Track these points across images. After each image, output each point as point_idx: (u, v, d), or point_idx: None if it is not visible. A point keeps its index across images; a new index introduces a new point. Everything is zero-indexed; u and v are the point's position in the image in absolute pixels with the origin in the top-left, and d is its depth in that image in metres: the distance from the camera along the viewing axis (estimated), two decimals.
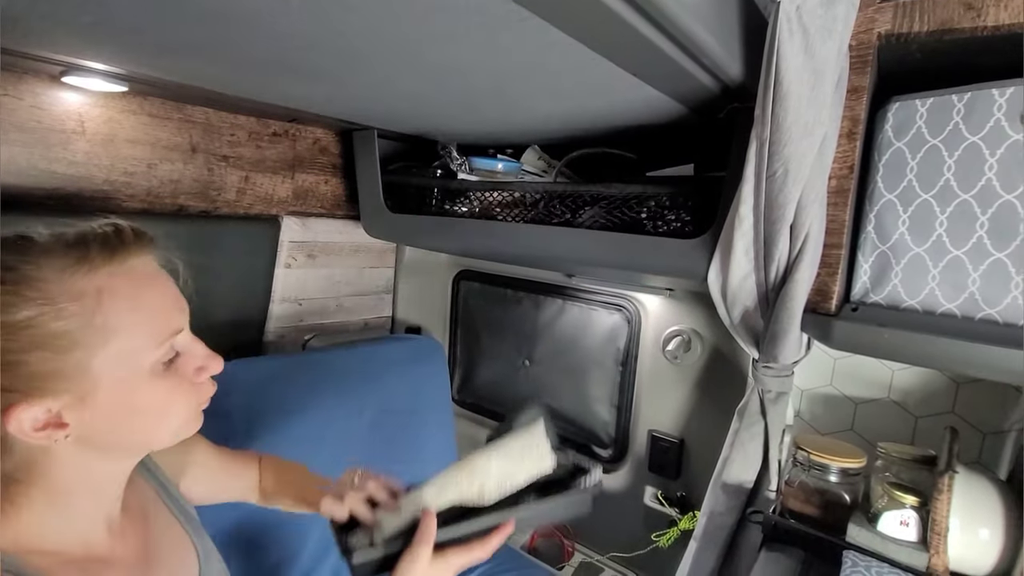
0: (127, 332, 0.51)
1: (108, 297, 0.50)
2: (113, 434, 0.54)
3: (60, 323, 0.48)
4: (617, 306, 1.54)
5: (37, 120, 0.98)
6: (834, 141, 0.80)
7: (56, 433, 0.50)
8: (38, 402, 0.48)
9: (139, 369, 0.53)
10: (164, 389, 0.55)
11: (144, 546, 0.65)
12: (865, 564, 0.79)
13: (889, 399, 1.10)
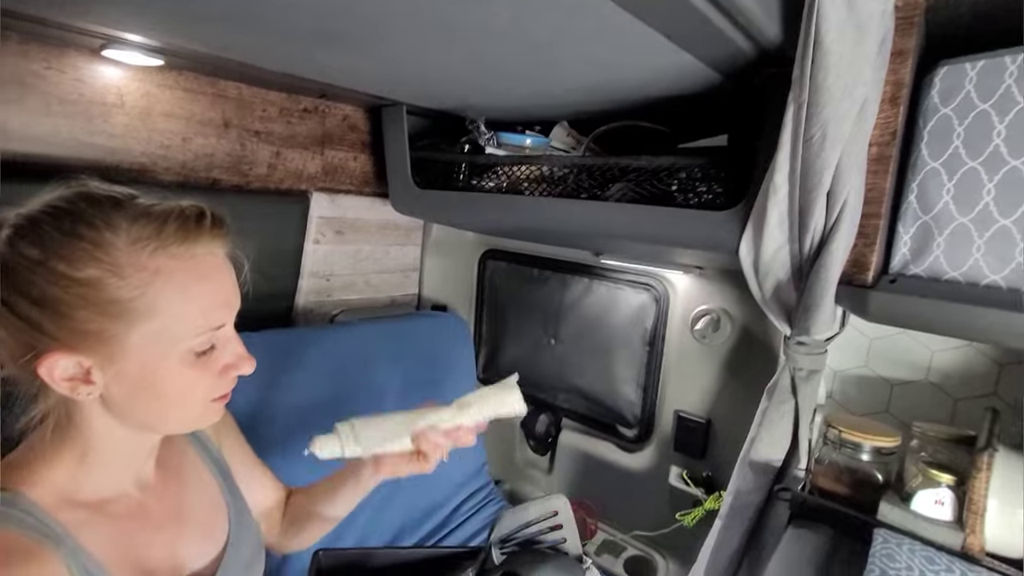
0: (169, 316, 0.53)
1: (163, 279, 0.52)
2: (130, 406, 0.55)
3: (116, 291, 0.50)
4: (645, 285, 1.52)
5: (79, 93, 1.01)
6: (875, 107, 0.77)
7: (81, 387, 0.52)
8: (72, 355, 0.51)
9: (170, 353, 0.54)
10: (188, 378, 0.56)
11: (177, 503, 0.67)
12: (896, 541, 0.77)
13: (927, 381, 1.07)
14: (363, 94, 1.28)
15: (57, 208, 0.51)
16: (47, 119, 0.98)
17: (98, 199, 0.53)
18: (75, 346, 0.51)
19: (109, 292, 0.50)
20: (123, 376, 0.53)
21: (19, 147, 0.97)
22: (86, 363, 0.51)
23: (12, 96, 0.94)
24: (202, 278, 0.55)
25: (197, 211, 0.55)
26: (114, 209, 0.52)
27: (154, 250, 0.52)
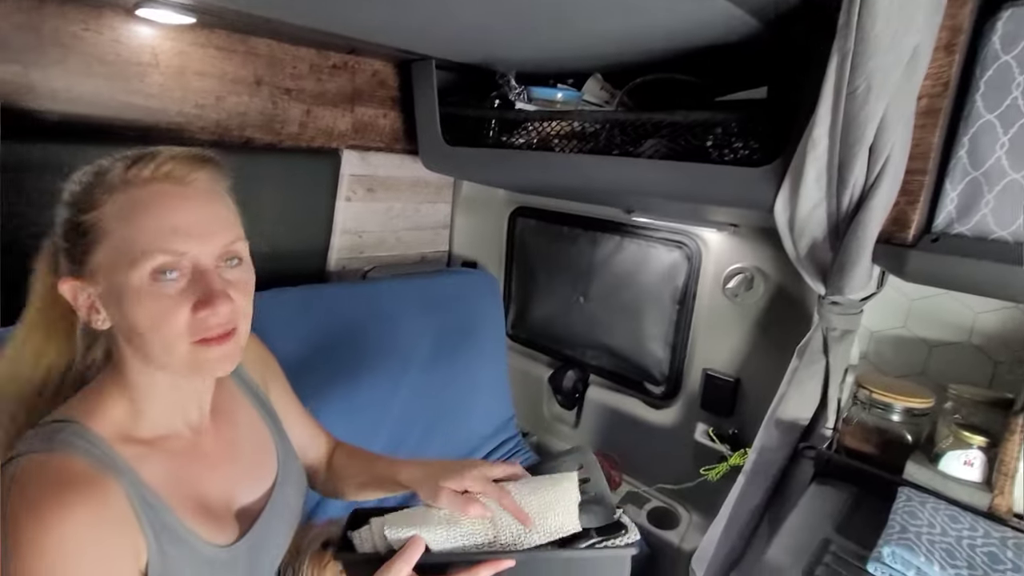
0: (118, 238, 0.56)
1: (115, 203, 0.57)
2: (131, 341, 0.59)
3: (83, 216, 0.57)
4: (677, 243, 1.50)
5: (116, 53, 1.03)
6: (928, 55, 0.72)
7: (94, 315, 0.59)
8: (71, 280, 0.58)
9: (129, 276, 0.55)
10: (154, 308, 0.56)
11: (230, 444, 0.72)
12: (920, 500, 0.78)
13: (969, 343, 1.04)
14: (392, 49, 1.27)
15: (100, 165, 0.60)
16: (88, 80, 1.01)
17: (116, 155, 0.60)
18: (72, 272, 0.58)
19: (82, 214, 0.57)
20: (109, 303, 0.58)
21: (65, 108, 1.00)
22: (87, 288, 0.58)
23: (55, 57, 0.97)
24: (152, 203, 0.57)
25: (156, 149, 0.59)
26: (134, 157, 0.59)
27: (130, 184, 0.57)
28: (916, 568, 0.67)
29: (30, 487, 0.52)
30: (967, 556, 0.68)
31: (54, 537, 0.50)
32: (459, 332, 1.61)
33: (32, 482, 0.52)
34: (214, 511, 0.66)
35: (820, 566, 0.72)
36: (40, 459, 0.54)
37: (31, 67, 0.95)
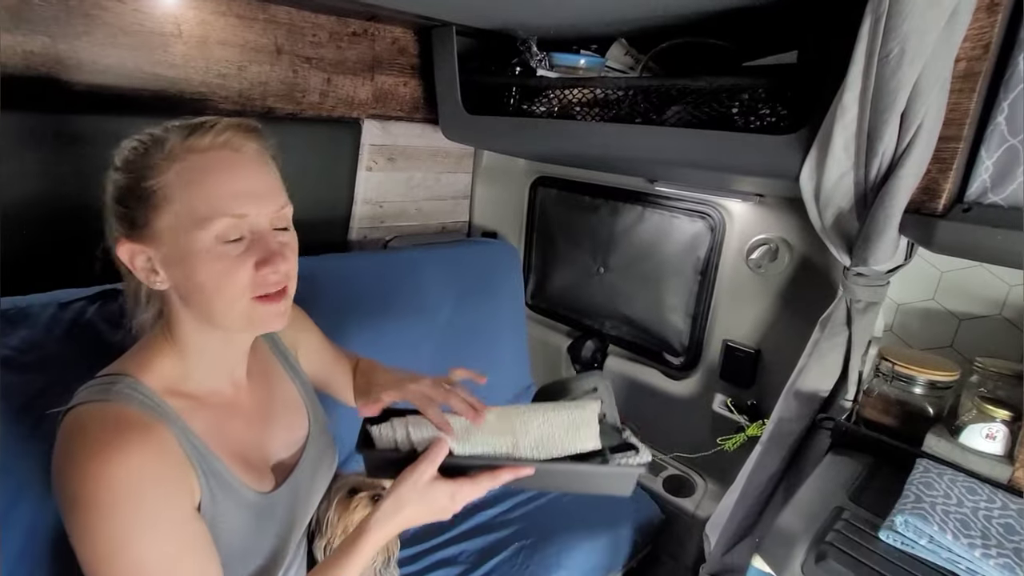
0: (184, 202, 0.59)
1: (179, 171, 0.59)
2: (187, 298, 0.62)
3: (143, 182, 0.59)
4: (701, 213, 1.48)
5: (140, 23, 1.04)
6: (968, 15, 0.68)
7: (152, 276, 0.61)
8: (130, 242, 0.61)
9: (196, 238, 0.59)
10: (219, 268, 0.60)
11: (266, 403, 0.77)
12: (938, 471, 0.78)
13: (1000, 316, 1.02)
14: (412, 15, 1.25)
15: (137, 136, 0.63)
16: (114, 51, 1.02)
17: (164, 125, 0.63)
18: (130, 235, 0.61)
19: (143, 181, 0.59)
20: (170, 264, 0.61)
21: (92, 79, 1.02)
22: (146, 251, 0.61)
23: (81, 29, 0.98)
24: (214, 169, 0.60)
25: (210, 119, 0.62)
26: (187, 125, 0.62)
27: (189, 150, 0.60)
28: (929, 537, 0.67)
29: (91, 431, 0.56)
30: (982, 527, 0.68)
31: (119, 473, 0.54)
32: (479, 302, 1.63)
33: (93, 427, 0.56)
34: (253, 463, 0.70)
35: (832, 532, 0.73)
36: (98, 407, 0.58)
37: (58, 39, 0.96)
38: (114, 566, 0.53)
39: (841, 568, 0.67)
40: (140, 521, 0.54)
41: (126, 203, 0.61)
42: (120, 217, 0.61)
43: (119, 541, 0.53)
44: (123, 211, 0.61)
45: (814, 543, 0.72)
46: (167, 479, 0.58)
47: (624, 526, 1.35)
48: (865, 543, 0.71)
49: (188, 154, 0.59)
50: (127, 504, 0.54)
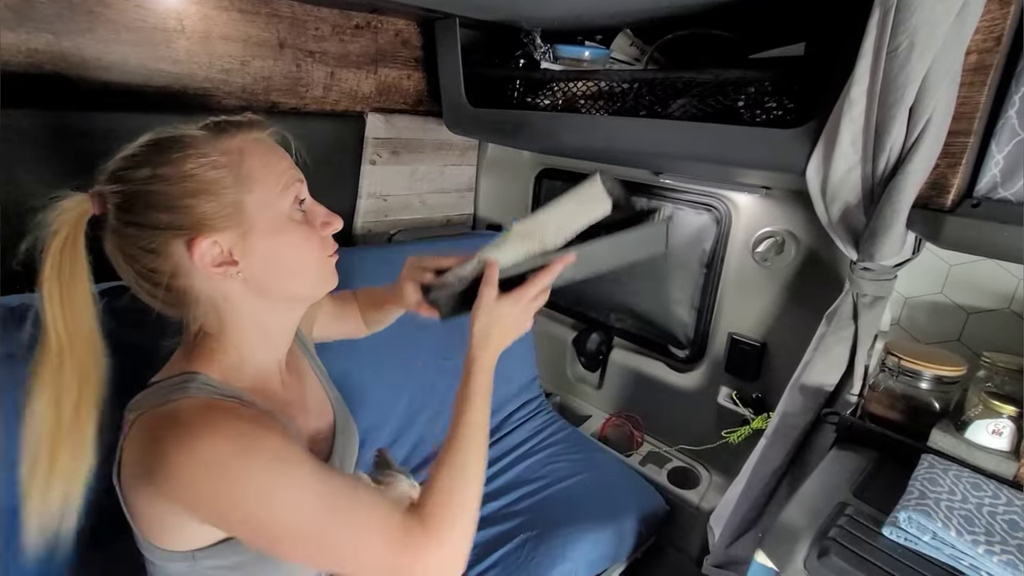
0: (264, 184, 0.63)
1: (247, 155, 0.63)
2: (270, 279, 0.65)
3: (215, 172, 0.60)
4: (707, 206, 1.47)
5: (143, 20, 1.04)
6: (979, 7, 0.67)
7: (230, 269, 0.62)
8: (209, 236, 0.60)
9: (280, 213, 0.64)
10: (300, 236, 0.65)
11: (301, 394, 0.80)
12: (943, 467, 0.78)
13: (1009, 310, 1.01)
14: (414, 7, 1.24)
15: (148, 141, 0.62)
16: (117, 47, 1.02)
17: (174, 126, 0.63)
18: (208, 229, 0.60)
19: (210, 174, 0.60)
20: (255, 249, 0.63)
21: (95, 75, 1.02)
22: (224, 243, 0.61)
23: (84, 25, 0.98)
24: (272, 151, 0.66)
25: (241, 114, 0.66)
26: (185, 129, 0.63)
27: (230, 137, 0.63)
28: (932, 533, 0.67)
29: (189, 416, 0.56)
30: (986, 523, 0.68)
31: (236, 428, 0.55)
32: None
33: (190, 413, 0.56)
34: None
35: (835, 528, 0.73)
36: (185, 401, 0.58)
37: (62, 36, 0.96)
38: (276, 507, 0.54)
39: (844, 564, 0.68)
40: (275, 457, 0.55)
41: (205, 198, 0.60)
42: (201, 209, 0.60)
43: (268, 484, 0.53)
44: (193, 206, 0.59)
45: (817, 539, 0.73)
46: (279, 425, 0.61)
47: (629, 517, 1.36)
48: (868, 539, 0.71)
49: (242, 143, 0.63)
50: (255, 451, 0.54)
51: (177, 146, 0.60)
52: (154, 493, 0.56)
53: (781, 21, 1.00)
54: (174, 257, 0.61)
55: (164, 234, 0.60)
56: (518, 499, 1.37)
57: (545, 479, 1.43)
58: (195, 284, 0.63)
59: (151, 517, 0.59)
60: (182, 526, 0.58)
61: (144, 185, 0.59)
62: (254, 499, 0.53)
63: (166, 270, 0.61)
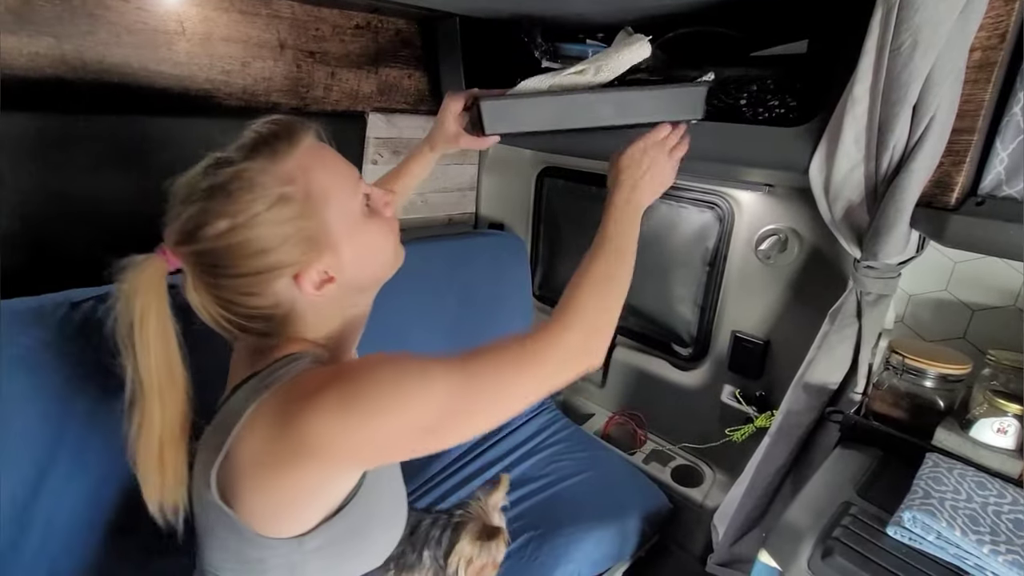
0: (335, 189, 0.63)
1: (310, 170, 0.62)
2: (358, 276, 0.67)
3: (289, 207, 0.59)
4: (709, 204, 1.46)
5: (143, 22, 1.04)
6: (983, 4, 0.67)
7: (330, 287, 0.63)
8: (311, 267, 0.61)
9: (356, 215, 0.65)
10: (375, 226, 0.67)
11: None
12: (948, 466, 0.77)
13: (1015, 307, 1.00)
14: (415, 6, 1.24)
15: (208, 188, 0.59)
16: (118, 50, 1.02)
17: (213, 168, 0.60)
18: (308, 260, 0.61)
19: (287, 210, 0.59)
20: (345, 257, 0.64)
21: (97, 78, 1.02)
22: (321, 267, 0.62)
23: (85, 28, 0.98)
24: (325, 155, 0.66)
25: (274, 123, 0.63)
26: (231, 164, 0.60)
27: (283, 161, 0.61)
28: (937, 533, 0.67)
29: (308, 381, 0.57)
30: (991, 522, 0.68)
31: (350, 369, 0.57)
32: (486, 294, 1.63)
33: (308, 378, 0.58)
34: None
35: (839, 528, 0.73)
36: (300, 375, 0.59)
37: (63, 39, 0.96)
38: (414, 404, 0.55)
39: (848, 564, 0.68)
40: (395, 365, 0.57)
41: (291, 226, 0.60)
42: (295, 244, 0.60)
43: (401, 386, 0.55)
44: (288, 237, 0.60)
45: (821, 538, 0.73)
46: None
47: (632, 516, 1.36)
48: (872, 539, 0.71)
49: (293, 151, 0.62)
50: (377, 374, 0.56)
51: (243, 187, 0.58)
52: (290, 467, 0.56)
53: (783, 19, 1.00)
54: (277, 293, 0.62)
55: (263, 276, 0.60)
56: (521, 498, 1.37)
57: (548, 478, 1.43)
58: (295, 306, 0.63)
59: (277, 501, 0.59)
60: (309, 500, 0.60)
61: (227, 239, 0.58)
62: (398, 405, 0.54)
63: (266, 305, 0.62)
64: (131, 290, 0.58)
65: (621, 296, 0.69)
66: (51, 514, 0.90)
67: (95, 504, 0.95)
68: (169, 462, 0.61)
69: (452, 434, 0.57)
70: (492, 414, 0.58)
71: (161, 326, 0.59)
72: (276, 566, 0.61)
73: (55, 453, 0.90)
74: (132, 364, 0.59)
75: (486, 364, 0.58)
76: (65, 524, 0.92)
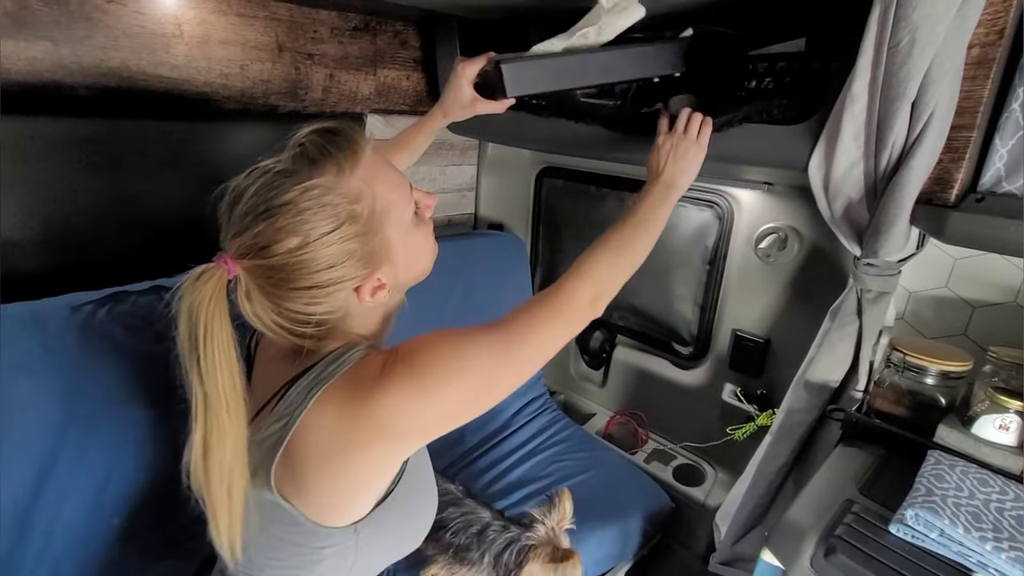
0: (395, 203, 0.66)
1: (373, 183, 0.63)
2: (407, 278, 0.71)
3: (361, 211, 0.62)
4: (709, 202, 1.46)
5: (141, 25, 1.04)
6: (981, 0, 0.67)
7: (382, 294, 0.66)
8: (370, 278, 0.65)
9: (409, 225, 0.68)
10: (422, 232, 0.71)
11: None
12: (950, 463, 0.77)
13: (1015, 303, 1.00)
14: (412, 8, 1.24)
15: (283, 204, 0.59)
16: (116, 54, 1.02)
17: (287, 172, 0.60)
18: (369, 271, 0.64)
19: (359, 216, 0.62)
20: (398, 265, 0.67)
21: (95, 82, 1.02)
22: (379, 275, 0.65)
23: (82, 32, 0.98)
24: (382, 165, 0.67)
25: (330, 131, 0.64)
26: (303, 164, 0.61)
27: (348, 176, 0.62)
28: (939, 530, 0.67)
29: (366, 366, 0.61)
30: (994, 519, 0.68)
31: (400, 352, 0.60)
32: (486, 294, 1.62)
33: (364, 364, 0.61)
34: None
35: (841, 526, 0.73)
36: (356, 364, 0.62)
37: (61, 43, 0.96)
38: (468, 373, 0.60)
39: (850, 562, 0.68)
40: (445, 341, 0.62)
41: (357, 243, 0.62)
42: (359, 259, 0.63)
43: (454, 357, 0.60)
44: (354, 252, 0.62)
45: (823, 537, 0.72)
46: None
47: (634, 515, 1.36)
48: (875, 537, 0.70)
49: (357, 166, 0.63)
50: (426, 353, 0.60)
51: (312, 206, 0.59)
52: (363, 450, 0.59)
53: (781, 17, 0.99)
54: (336, 301, 0.64)
55: (327, 289, 0.62)
56: (523, 499, 1.37)
57: (550, 478, 1.43)
58: (349, 310, 0.66)
59: (343, 488, 0.62)
60: (368, 486, 0.64)
61: (297, 256, 0.59)
62: (459, 371, 0.59)
63: (324, 312, 0.63)
64: (197, 302, 0.57)
65: (635, 264, 0.75)
66: (52, 518, 0.90)
67: (96, 509, 0.95)
68: (237, 487, 0.59)
69: (506, 385, 0.63)
70: (532, 361, 0.64)
71: (226, 337, 0.59)
72: (331, 555, 0.64)
73: (55, 458, 0.90)
74: (197, 379, 0.57)
75: (518, 321, 0.64)
76: (66, 529, 0.92)
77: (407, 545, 0.76)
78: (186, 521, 1.04)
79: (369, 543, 0.67)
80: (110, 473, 0.96)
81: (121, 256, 1.12)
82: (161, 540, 1.02)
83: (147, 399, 0.98)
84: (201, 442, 0.57)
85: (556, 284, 0.68)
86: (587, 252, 0.72)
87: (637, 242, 0.76)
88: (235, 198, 0.61)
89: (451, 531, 1.00)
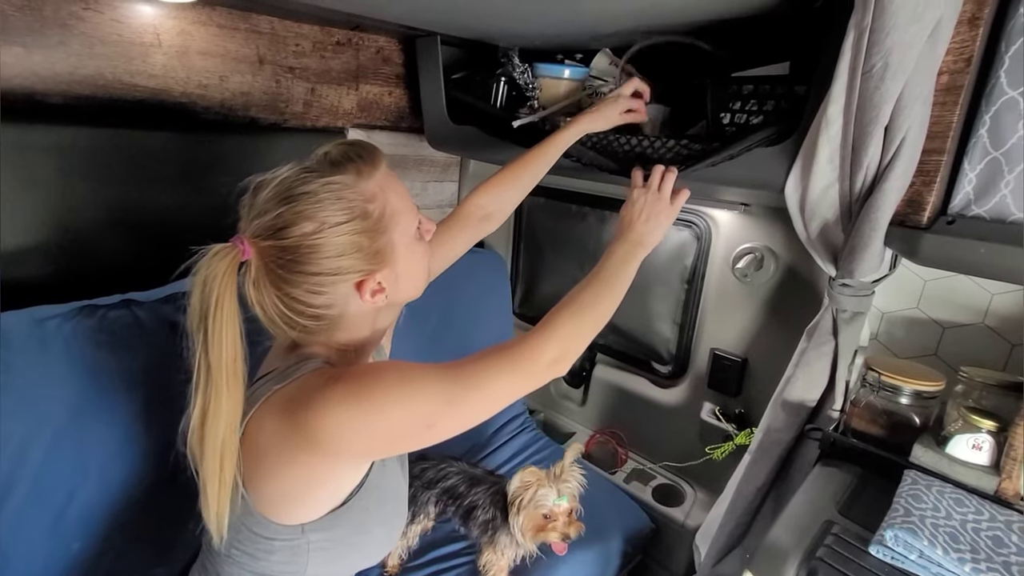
0: (403, 212, 0.70)
1: (387, 191, 0.69)
2: (401, 291, 0.73)
3: (368, 221, 0.66)
4: (687, 222, 1.48)
5: (118, 34, 1.02)
6: (950, 29, 0.69)
7: (380, 297, 0.69)
8: (373, 276, 0.68)
9: (412, 237, 0.72)
10: (421, 250, 0.74)
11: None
12: (926, 483, 0.78)
13: (983, 324, 1.03)
14: (396, 25, 1.24)
15: (303, 193, 0.64)
16: (91, 61, 1.00)
17: (312, 169, 0.66)
18: (372, 269, 0.68)
19: (371, 214, 0.66)
20: (399, 273, 0.71)
21: (68, 90, 0.99)
22: (379, 276, 0.68)
23: (56, 39, 0.96)
24: (398, 180, 0.72)
25: (352, 145, 0.70)
26: (327, 165, 0.67)
27: (367, 179, 0.67)
28: (919, 551, 0.67)
29: (313, 382, 0.62)
30: (971, 540, 0.68)
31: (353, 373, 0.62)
32: (466, 311, 1.61)
33: (314, 379, 0.63)
34: None
35: (822, 547, 0.72)
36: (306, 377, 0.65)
37: (33, 49, 0.94)
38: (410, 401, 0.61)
39: None
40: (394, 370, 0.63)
41: (366, 238, 0.66)
42: (365, 253, 0.66)
43: (399, 385, 0.61)
44: (362, 246, 0.66)
45: (805, 559, 0.72)
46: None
47: (614, 537, 1.34)
48: (855, 558, 0.70)
49: (375, 173, 0.68)
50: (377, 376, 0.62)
51: (332, 197, 0.64)
52: (298, 459, 0.62)
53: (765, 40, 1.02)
54: (337, 294, 0.67)
55: (332, 278, 0.65)
56: None
57: None
58: (346, 311, 0.68)
59: (285, 490, 0.65)
60: (316, 491, 0.65)
61: (310, 240, 0.63)
62: (401, 402, 0.60)
63: (324, 304, 0.66)
64: (210, 276, 0.60)
65: (600, 324, 0.75)
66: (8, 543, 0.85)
67: (55, 533, 0.90)
68: (228, 460, 0.62)
69: (447, 426, 0.63)
70: (479, 410, 0.64)
71: (232, 314, 0.62)
72: (280, 549, 0.67)
73: (13, 478, 0.85)
74: (202, 351, 0.61)
75: (474, 368, 0.64)
76: (23, 555, 0.87)
77: (365, 556, 0.77)
78: (152, 546, 0.99)
79: (319, 548, 0.68)
80: (72, 495, 0.91)
81: (98, 267, 1.08)
82: (126, 567, 0.97)
83: (112, 417, 0.94)
84: (200, 412, 0.61)
85: (522, 338, 0.68)
86: (555, 309, 0.73)
87: (604, 302, 0.78)
88: (259, 187, 0.66)
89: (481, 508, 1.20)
